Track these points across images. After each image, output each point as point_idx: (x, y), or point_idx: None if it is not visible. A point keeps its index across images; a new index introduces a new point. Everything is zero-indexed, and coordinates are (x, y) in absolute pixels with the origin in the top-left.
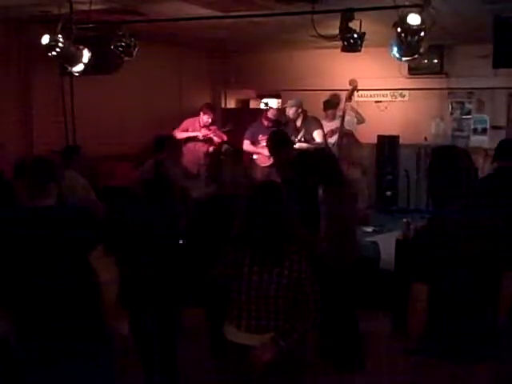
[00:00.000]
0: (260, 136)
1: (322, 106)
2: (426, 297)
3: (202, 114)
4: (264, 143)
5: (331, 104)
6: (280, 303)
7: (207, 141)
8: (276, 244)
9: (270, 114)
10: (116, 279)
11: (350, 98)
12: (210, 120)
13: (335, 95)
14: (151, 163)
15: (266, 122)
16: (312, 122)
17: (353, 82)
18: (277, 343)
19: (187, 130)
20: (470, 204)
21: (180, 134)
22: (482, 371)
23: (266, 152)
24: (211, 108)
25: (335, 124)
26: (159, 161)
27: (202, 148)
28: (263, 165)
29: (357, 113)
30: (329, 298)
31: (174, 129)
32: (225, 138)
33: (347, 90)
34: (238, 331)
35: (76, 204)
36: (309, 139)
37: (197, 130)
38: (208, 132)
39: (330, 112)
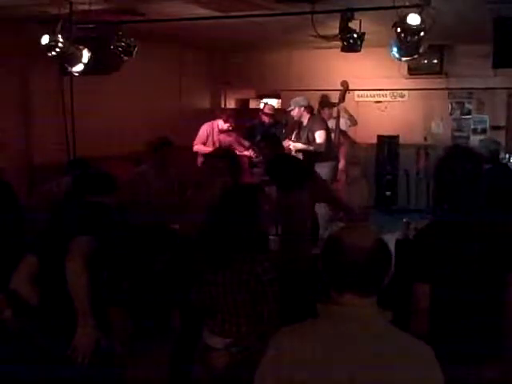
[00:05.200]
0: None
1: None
2: (428, 296)
3: (221, 121)
4: None
5: (327, 103)
6: (239, 306)
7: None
8: (225, 248)
9: (267, 110)
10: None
11: (342, 99)
12: (231, 127)
13: (327, 96)
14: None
15: (266, 119)
16: (316, 122)
17: (344, 84)
18: (229, 350)
19: (207, 138)
20: (475, 205)
21: (201, 148)
22: (486, 372)
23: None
24: (231, 115)
25: (330, 124)
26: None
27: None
28: None
29: (349, 115)
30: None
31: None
32: (246, 144)
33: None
34: (209, 334)
35: None
36: (311, 139)
37: (215, 135)
38: (229, 138)
39: (326, 111)
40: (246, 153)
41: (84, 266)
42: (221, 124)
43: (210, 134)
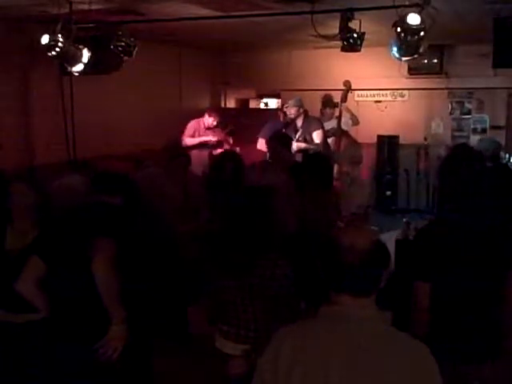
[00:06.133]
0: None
1: (320, 105)
2: (428, 295)
3: (206, 115)
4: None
5: (330, 103)
6: (256, 312)
7: (215, 145)
8: (244, 252)
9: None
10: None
11: (345, 98)
12: (215, 123)
13: (330, 95)
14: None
15: (282, 117)
16: (312, 122)
17: (347, 83)
18: (249, 356)
19: (194, 135)
20: (476, 204)
21: (190, 141)
22: (486, 370)
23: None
24: (216, 111)
25: (331, 124)
26: None
27: (205, 153)
28: None
29: (352, 114)
30: None
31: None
32: (231, 142)
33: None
34: (220, 338)
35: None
36: (308, 139)
37: (202, 131)
38: (214, 135)
39: (328, 111)
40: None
41: (112, 265)
42: (206, 120)
43: (196, 131)
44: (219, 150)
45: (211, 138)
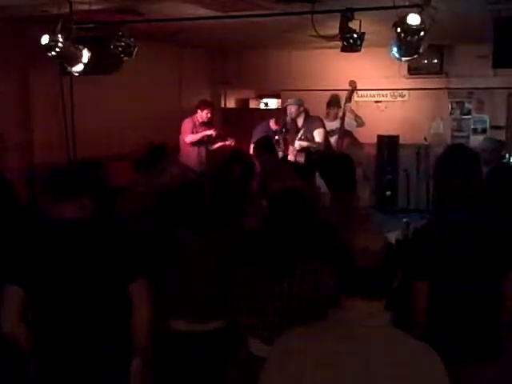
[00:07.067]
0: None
1: (322, 106)
2: (426, 294)
3: (199, 110)
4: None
5: (336, 102)
6: (291, 315)
7: (213, 140)
8: (282, 256)
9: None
10: (149, 321)
11: (349, 99)
12: (209, 115)
13: (337, 95)
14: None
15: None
16: (313, 121)
17: (352, 83)
18: None
19: (193, 132)
20: (474, 204)
21: (192, 137)
22: (486, 371)
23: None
24: (208, 103)
25: (335, 124)
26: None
27: (203, 148)
28: None
29: (356, 115)
30: None
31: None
32: (225, 136)
33: (347, 90)
34: (254, 341)
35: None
36: (310, 138)
37: (198, 127)
38: (211, 130)
39: (332, 111)
40: (228, 143)
41: (152, 311)
42: (200, 115)
43: (194, 127)
44: (218, 145)
45: (212, 131)
